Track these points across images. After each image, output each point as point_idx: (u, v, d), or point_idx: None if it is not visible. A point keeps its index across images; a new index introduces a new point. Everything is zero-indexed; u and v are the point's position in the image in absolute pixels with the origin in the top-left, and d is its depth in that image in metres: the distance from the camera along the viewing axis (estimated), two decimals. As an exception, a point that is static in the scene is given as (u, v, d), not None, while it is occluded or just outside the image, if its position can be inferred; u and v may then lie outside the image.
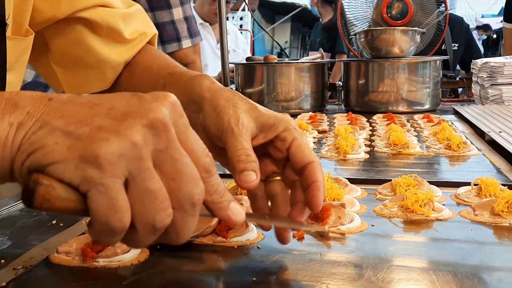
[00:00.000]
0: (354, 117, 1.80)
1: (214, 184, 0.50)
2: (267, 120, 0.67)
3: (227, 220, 0.52)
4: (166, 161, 0.46)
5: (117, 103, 0.46)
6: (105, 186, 0.43)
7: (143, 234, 0.46)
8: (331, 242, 0.74)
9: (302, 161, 0.66)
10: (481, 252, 0.70)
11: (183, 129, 0.48)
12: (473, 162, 1.22)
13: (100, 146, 0.43)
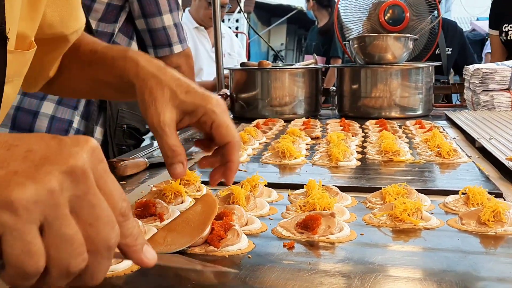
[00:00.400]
0: (347, 123, 1.81)
1: (129, 228, 0.51)
2: (187, 107, 0.77)
3: (139, 263, 0.53)
4: (83, 206, 0.46)
5: (36, 146, 0.46)
6: (20, 231, 0.43)
7: (56, 278, 0.46)
8: (321, 251, 0.75)
9: (221, 141, 0.78)
10: (467, 261, 0.71)
11: (102, 174, 0.48)
12: (462, 169, 1.24)
13: (16, 192, 0.43)
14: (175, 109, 0.76)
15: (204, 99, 0.77)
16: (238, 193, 0.92)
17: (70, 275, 0.47)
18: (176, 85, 0.77)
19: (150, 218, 0.85)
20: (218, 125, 0.77)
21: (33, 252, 0.44)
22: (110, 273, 0.66)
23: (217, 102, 0.78)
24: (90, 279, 0.49)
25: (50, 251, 0.45)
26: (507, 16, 2.90)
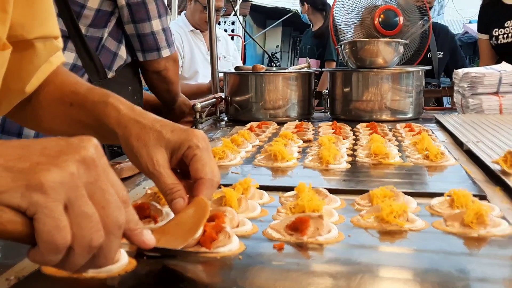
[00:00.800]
0: (338, 126, 1.84)
1: (130, 214, 0.60)
2: (174, 144, 0.79)
3: (141, 244, 0.62)
4: (96, 191, 0.54)
5: (48, 144, 0.54)
6: (50, 209, 0.51)
7: (79, 253, 0.54)
8: (310, 252, 0.78)
9: (194, 175, 0.79)
10: (450, 261, 0.74)
11: (105, 167, 0.57)
12: (449, 172, 1.27)
13: (44, 175, 0.51)
14: (164, 149, 0.79)
15: (189, 134, 0.80)
16: (230, 195, 0.95)
17: (91, 250, 0.54)
18: (160, 126, 0.80)
19: (145, 220, 0.87)
20: (197, 159, 0.79)
21: (62, 227, 0.51)
22: (104, 273, 0.68)
23: (202, 137, 0.81)
24: (104, 259, 0.57)
25: (73, 228, 0.52)
26: (496, 21, 2.94)
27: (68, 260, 0.54)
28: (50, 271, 0.70)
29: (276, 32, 14.51)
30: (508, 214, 0.95)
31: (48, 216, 0.51)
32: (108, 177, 0.56)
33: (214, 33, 2.59)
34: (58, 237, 0.51)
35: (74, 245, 0.53)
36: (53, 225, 0.51)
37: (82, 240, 0.53)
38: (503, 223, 0.86)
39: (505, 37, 2.90)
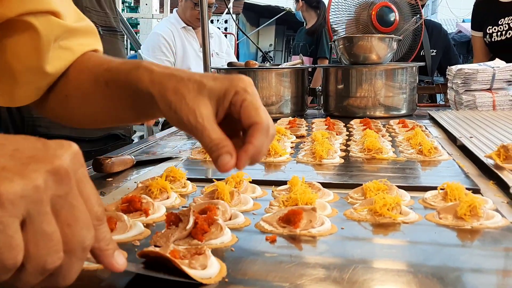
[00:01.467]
0: (331, 122, 1.84)
1: (103, 232, 0.53)
2: (218, 92, 0.69)
3: (110, 267, 0.54)
4: (63, 207, 0.48)
5: (22, 145, 0.48)
6: (4, 224, 0.44)
7: (31, 274, 0.48)
8: (302, 244, 0.77)
9: (246, 122, 0.68)
10: (443, 253, 0.74)
11: (82, 178, 0.51)
12: (443, 167, 1.27)
13: (3, 186, 0.44)
14: (208, 100, 0.69)
15: (235, 80, 0.70)
16: (222, 189, 0.94)
17: (45, 272, 0.48)
18: (200, 76, 0.70)
19: (136, 213, 0.87)
20: (247, 104, 0.68)
21: (14, 246, 0.45)
22: (95, 266, 0.68)
23: (249, 82, 0.71)
24: (62, 280, 0.50)
25: (29, 247, 0.46)
26: (490, 18, 2.94)
27: (19, 278, 0.48)
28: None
29: (270, 31, 14.50)
30: (501, 207, 0.95)
31: (0, 232, 0.44)
32: (82, 191, 0.50)
33: (207, 29, 2.58)
34: (8, 257, 0.45)
35: (27, 264, 0.47)
36: (4, 243, 0.44)
37: (36, 260, 0.47)
38: (496, 216, 0.86)
39: (499, 34, 2.91)
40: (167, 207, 0.93)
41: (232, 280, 0.65)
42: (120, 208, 0.88)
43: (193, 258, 0.66)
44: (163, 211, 0.90)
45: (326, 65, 3.41)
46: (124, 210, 0.87)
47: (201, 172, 1.30)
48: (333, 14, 2.54)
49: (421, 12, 2.55)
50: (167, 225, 0.77)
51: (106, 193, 1.06)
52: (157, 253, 0.64)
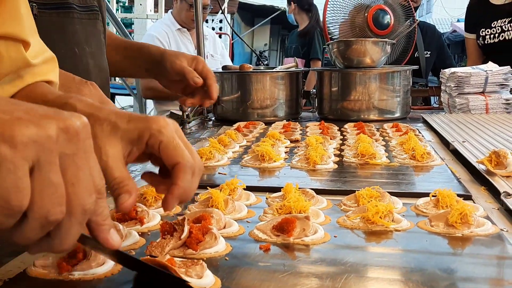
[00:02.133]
0: (325, 126, 1.85)
1: (101, 207, 0.54)
2: (132, 135, 0.69)
3: (104, 242, 0.55)
4: (70, 165, 0.50)
5: (36, 107, 0.51)
6: (14, 165, 0.46)
7: (33, 226, 0.49)
8: (296, 253, 0.78)
9: (169, 163, 0.69)
10: (433, 261, 0.75)
11: (88, 149, 0.53)
12: (435, 172, 1.28)
13: (19, 128, 0.47)
14: (120, 141, 0.69)
15: (149, 121, 0.70)
16: (217, 197, 0.95)
17: (46, 225, 0.49)
18: (116, 117, 0.71)
19: (131, 222, 0.88)
20: (165, 146, 0.68)
21: (21, 188, 0.47)
22: (91, 275, 0.69)
23: (164, 123, 0.70)
24: (59, 242, 0.52)
25: (34, 195, 0.48)
26: (483, 21, 2.96)
27: (20, 229, 0.49)
28: (36, 274, 0.70)
29: (265, 30, 14.51)
30: (491, 213, 0.96)
31: (10, 172, 0.46)
32: (87, 158, 0.52)
33: (201, 31, 2.59)
34: (15, 198, 0.47)
35: (29, 213, 0.48)
36: (13, 184, 0.46)
37: (39, 210, 0.48)
38: (487, 223, 0.87)
39: (492, 37, 2.93)
40: (162, 215, 0.94)
41: (227, 290, 0.66)
42: (116, 216, 0.89)
43: (190, 268, 0.67)
44: (158, 219, 0.91)
45: (320, 68, 3.42)
46: (119, 218, 0.88)
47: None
48: (329, 16, 2.55)
49: (414, 15, 2.56)
50: (162, 234, 0.77)
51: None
52: (155, 261, 0.65)
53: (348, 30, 2.51)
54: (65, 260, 0.70)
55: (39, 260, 0.71)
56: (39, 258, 0.72)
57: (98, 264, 0.69)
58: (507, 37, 2.86)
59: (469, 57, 3.13)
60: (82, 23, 1.46)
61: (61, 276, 0.68)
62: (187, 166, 0.68)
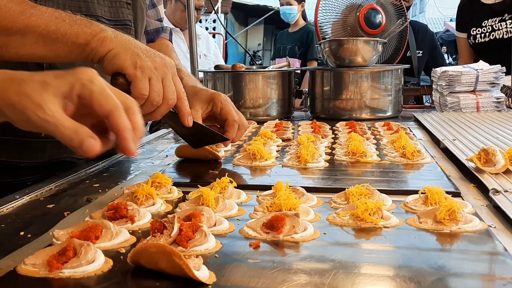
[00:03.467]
0: (317, 125, 1.86)
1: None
2: (64, 88, 0.74)
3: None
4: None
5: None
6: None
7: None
8: (285, 250, 0.79)
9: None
10: (421, 257, 0.76)
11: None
12: (425, 170, 1.29)
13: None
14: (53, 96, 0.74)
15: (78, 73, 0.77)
16: (207, 195, 0.95)
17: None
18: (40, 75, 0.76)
19: (122, 220, 0.88)
20: (97, 96, 0.75)
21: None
22: (81, 273, 0.69)
23: (93, 74, 0.78)
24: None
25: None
26: (474, 20, 2.98)
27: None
28: (25, 272, 0.70)
29: (258, 30, 14.51)
30: (480, 210, 0.97)
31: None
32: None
33: (194, 32, 2.59)
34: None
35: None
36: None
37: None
38: (475, 220, 0.88)
39: (483, 36, 2.95)
40: (152, 214, 0.94)
41: (216, 286, 0.66)
42: (106, 215, 0.89)
43: (188, 259, 0.67)
44: (149, 217, 0.91)
45: (312, 67, 3.43)
46: (110, 217, 0.88)
47: (188, 176, 1.32)
48: (321, 15, 2.56)
49: (406, 14, 2.57)
50: (152, 232, 0.78)
51: (93, 200, 1.07)
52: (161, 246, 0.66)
53: (340, 30, 2.52)
54: (55, 258, 0.70)
55: (29, 258, 0.72)
56: (29, 257, 0.72)
57: (88, 262, 0.70)
58: (497, 36, 2.88)
59: (460, 56, 3.15)
60: None
61: (51, 274, 0.69)
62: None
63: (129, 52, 1.03)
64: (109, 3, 1.37)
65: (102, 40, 1.03)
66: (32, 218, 0.96)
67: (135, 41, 1.06)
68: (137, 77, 1.02)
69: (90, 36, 1.03)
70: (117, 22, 1.39)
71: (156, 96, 1.04)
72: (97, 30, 1.04)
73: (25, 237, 0.86)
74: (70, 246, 0.71)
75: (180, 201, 1.05)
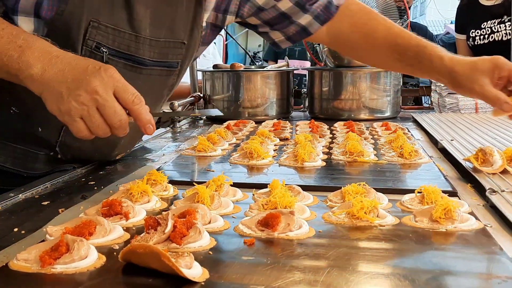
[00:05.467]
0: (315, 125, 1.86)
1: None
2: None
3: None
4: None
5: None
6: None
7: None
8: (280, 247, 0.78)
9: None
10: (415, 256, 0.75)
11: None
12: (422, 169, 1.29)
13: None
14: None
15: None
16: (202, 192, 0.95)
17: None
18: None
19: (116, 216, 0.87)
20: None
21: None
22: (73, 269, 0.68)
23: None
24: None
25: None
26: (473, 22, 2.97)
27: None
28: (18, 267, 0.69)
29: (259, 32, 14.49)
30: (477, 210, 0.97)
31: None
32: None
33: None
34: None
35: None
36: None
37: None
38: (471, 219, 0.87)
39: (482, 38, 2.95)
40: (147, 211, 0.94)
41: (208, 283, 0.66)
42: (101, 211, 0.88)
43: (179, 258, 0.67)
44: (144, 214, 0.91)
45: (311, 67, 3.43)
46: (104, 214, 0.88)
47: (183, 174, 1.31)
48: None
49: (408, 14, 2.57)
50: (146, 229, 0.77)
51: (88, 196, 1.07)
52: (148, 248, 0.65)
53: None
54: (48, 253, 0.69)
55: (21, 254, 0.71)
56: (22, 252, 0.72)
57: (81, 258, 0.69)
58: (496, 38, 2.88)
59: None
60: (149, 78, 1.28)
61: (43, 269, 0.68)
62: None
63: (53, 94, 0.94)
64: (163, 44, 1.27)
65: (29, 78, 0.95)
66: (26, 215, 0.96)
67: (62, 71, 0.94)
68: (67, 123, 0.95)
69: (18, 71, 0.96)
70: (163, 63, 1.30)
71: (98, 129, 0.94)
72: (25, 66, 0.95)
73: (19, 233, 0.85)
74: (63, 242, 0.71)
75: (175, 198, 1.05)
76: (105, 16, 1.14)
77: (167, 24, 1.26)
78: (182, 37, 1.30)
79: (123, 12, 1.17)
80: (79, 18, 1.10)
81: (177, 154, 1.50)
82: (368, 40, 1.47)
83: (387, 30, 1.46)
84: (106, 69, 0.95)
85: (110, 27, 1.16)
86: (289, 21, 1.47)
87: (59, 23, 1.08)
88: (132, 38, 1.20)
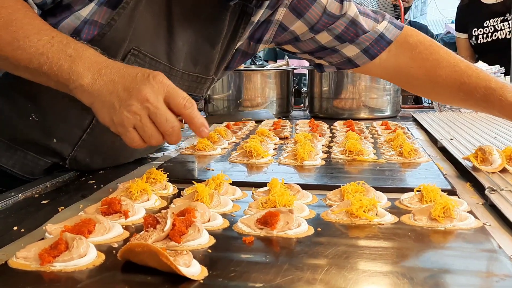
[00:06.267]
0: (315, 124, 1.86)
1: None
2: None
3: None
4: None
5: None
6: None
7: None
8: (279, 246, 0.79)
9: None
10: (414, 254, 0.75)
11: None
12: (422, 168, 1.29)
13: None
14: None
15: None
16: (202, 190, 0.95)
17: None
18: None
19: (115, 215, 0.88)
20: None
21: None
22: (72, 267, 0.69)
23: None
24: None
25: None
26: (475, 20, 2.97)
27: None
28: (17, 265, 0.70)
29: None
30: (476, 208, 0.97)
31: None
32: None
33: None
34: None
35: None
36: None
37: None
38: (470, 217, 0.87)
39: (485, 36, 2.94)
40: (147, 209, 0.94)
41: (207, 281, 0.66)
42: (100, 210, 0.89)
43: (178, 256, 0.67)
44: (143, 213, 0.91)
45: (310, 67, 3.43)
46: (104, 212, 0.88)
47: (183, 173, 1.31)
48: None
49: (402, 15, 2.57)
50: (145, 227, 0.78)
51: (88, 195, 1.07)
52: (146, 247, 0.65)
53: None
54: (47, 251, 0.69)
55: (21, 252, 0.71)
56: (21, 250, 0.72)
57: (80, 256, 0.69)
58: (500, 36, 2.87)
59: (460, 57, 3.14)
60: None
61: (42, 267, 0.68)
62: None
63: (105, 105, 0.92)
64: (194, 78, 1.28)
65: (79, 88, 0.94)
66: (26, 214, 0.96)
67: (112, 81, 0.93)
68: (121, 133, 0.94)
69: (68, 81, 0.94)
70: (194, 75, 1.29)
71: (151, 138, 0.93)
72: (75, 76, 0.93)
73: (18, 231, 0.85)
74: (62, 240, 0.71)
75: (175, 197, 1.05)
76: (146, 45, 1.14)
77: (201, 61, 1.26)
78: (213, 73, 1.31)
79: (164, 44, 1.18)
80: (120, 44, 1.10)
81: (177, 153, 1.51)
82: (430, 77, 1.38)
83: (451, 67, 1.37)
84: (155, 76, 0.93)
85: (148, 56, 1.16)
86: (331, 50, 1.41)
87: (97, 44, 1.04)
88: (167, 70, 1.19)
